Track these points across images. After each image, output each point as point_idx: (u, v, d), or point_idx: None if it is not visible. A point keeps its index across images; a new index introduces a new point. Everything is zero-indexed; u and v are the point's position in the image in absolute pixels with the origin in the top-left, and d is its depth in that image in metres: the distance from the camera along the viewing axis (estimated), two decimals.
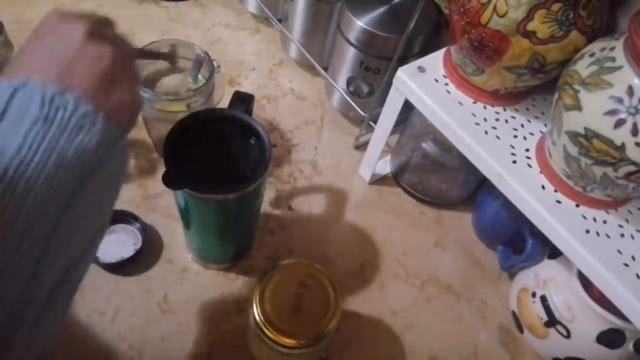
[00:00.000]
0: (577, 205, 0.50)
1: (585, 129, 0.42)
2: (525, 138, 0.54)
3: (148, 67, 0.60)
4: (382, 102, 0.62)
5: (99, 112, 0.30)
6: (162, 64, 0.61)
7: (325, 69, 0.76)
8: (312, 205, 0.68)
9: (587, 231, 0.48)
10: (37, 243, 0.28)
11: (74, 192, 0.29)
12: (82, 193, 0.30)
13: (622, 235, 0.49)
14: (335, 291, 0.48)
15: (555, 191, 0.50)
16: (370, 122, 0.70)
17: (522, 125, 0.55)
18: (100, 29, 0.35)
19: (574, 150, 0.45)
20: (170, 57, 0.57)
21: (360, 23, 0.63)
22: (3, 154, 0.27)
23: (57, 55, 0.31)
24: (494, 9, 0.46)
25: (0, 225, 0.26)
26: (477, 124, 0.54)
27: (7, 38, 0.68)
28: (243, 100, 0.52)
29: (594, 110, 0.42)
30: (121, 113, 0.33)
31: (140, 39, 0.80)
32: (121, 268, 0.58)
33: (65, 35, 0.33)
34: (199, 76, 0.62)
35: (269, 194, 0.68)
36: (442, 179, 0.67)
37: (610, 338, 0.52)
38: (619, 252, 0.47)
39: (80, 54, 0.32)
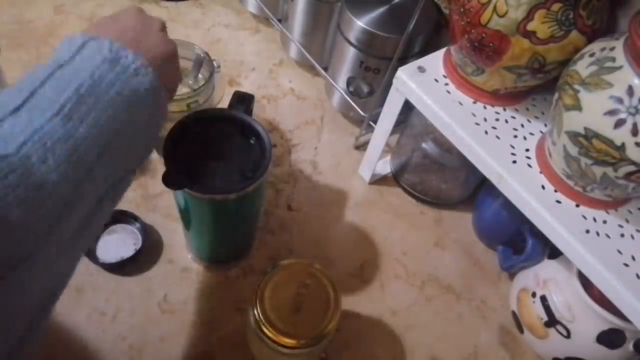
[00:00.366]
0: (577, 205, 0.50)
1: (585, 129, 0.42)
2: (525, 138, 0.54)
3: None
4: (382, 102, 0.62)
5: (152, 68, 0.37)
6: None
7: (325, 69, 0.76)
8: (312, 205, 0.68)
9: (587, 231, 0.48)
10: (83, 166, 0.33)
11: (119, 129, 0.35)
12: (125, 132, 0.36)
13: (622, 235, 0.49)
14: (335, 291, 0.48)
15: (555, 191, 0.50)
16: (370, 122, 0.70)
17: (522, 125, 0.55)
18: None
19: (574, 150, 0.45)
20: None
21: (360, 23, 0.63)
22: (78, 75, 0.33)
23: (133, 30, 0.39)
24: (494, 9, 0.46)
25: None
26: (477, 124, 0.54)
27: None
28: (243, 100, 0.52)
29: (594, 110, 0.42)
30: (169, 85, 0.40)
31: None
32: (121, 268, 0.58)
33: (144, 20, 0.41)
34: (199, 76, 0.62)
35: (269, 194, 0.68)
36: (442, 179, 0.67)
37: (610, 338, 0.52)
38: (619, 252, 0.47)
39: (152, 35, 0.40)
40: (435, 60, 0.59)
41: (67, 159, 0.31)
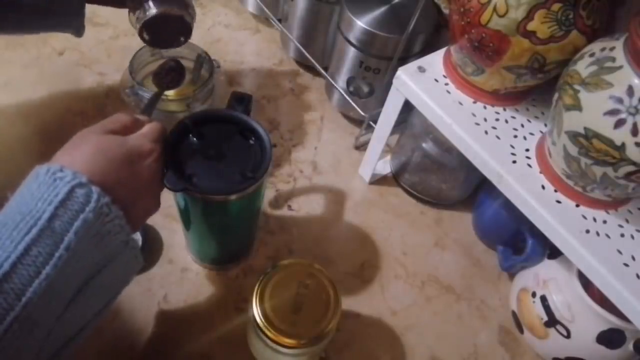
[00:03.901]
0: (577, 205, 0.50)
1: (585, 129, 0.42)
2: (525, 138, 0.54)
3: (149, 66, 0.60)
4: (382, 102, 0.62)
5: (128, 226, 0.37)
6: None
7: (325, 69, 0.76)
8: (312, 205, 0.68)
9: (587, 231, 0.48)
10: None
11: (94, 276, 0.36)
12: (101, 278, 0.37)
13: (622, 235, 0.49)
14: (335, 291, 0.48)
15: (555, 191, 0.50)
16: (370, 122, 0.70)
17: (522, 125, 0.55)
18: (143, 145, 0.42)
19: (574, 150, 0.45)
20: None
21: (360, 23, 0.63)
22: (58, 248, 0.33)
23: (121, 174, 0.38)
24: (494, 9, 0.46)
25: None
26: (477, 124, 0.54)
27: None
28: (241, 100, 0.52)
29: (594, 110, 0.42)
30: (140, 221, 0.41)
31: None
32: None
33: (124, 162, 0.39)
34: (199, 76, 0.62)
35: (269, 194, 0.68)
36: (442, 179, 0.67)
37: (610, 338, 0.52)
38: (619, 252, 0.47)
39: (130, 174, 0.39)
40: (435, 60, 0.59)
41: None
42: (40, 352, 0.34)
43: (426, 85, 0.56)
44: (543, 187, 0.51)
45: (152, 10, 0.51)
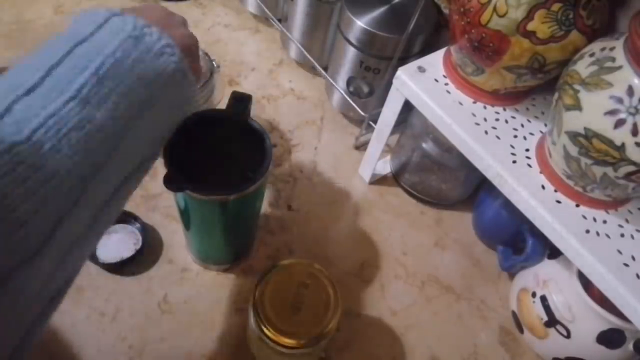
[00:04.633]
0: (577, 205, 0.50)
1: (585, 129, 0.42)
2: (525, 138, 0.54)
3: None
4: (382, 102, 0.62)
5: (178, 48, 0.35)
6: None
7: (325, 69, 0.76)
8: (312, 205, 0.68)
9: (587, 231, 0.48)
10: (113, 136, 0.31)
11: (144, 107, 0.33)
12: (150, 111, 0.34)
13: (622, 235, 0.49)
14: (335, 291, 0.48)
15: (555, 191, 0.50)
16: (370, 122, 0.70)
17: (522, 125, 0.55)
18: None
19: (574, 150, 0.45)
20: None
21: (360, 23, 0.63)
22: (100, 53, 0.31)
23: (158, 18, 0.37)
24: (494, 9, 0.46)
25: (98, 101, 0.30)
26: (477, 124, 0.54)
27: None
28: (241, 100, 0.52)
29: (594, 110, 0.42)
30: (194, 73, 0.38)
31: None
32: (121, 268, 0.58)
33: (168, 14, 0.40)
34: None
35: (269, 194, 0.68)
36: (442, 179, 0.67)
37: (610, 338, 0.52)
38: (619, 252, 0.47)
39: (175, 25, 0.39)
40: (435, 60, 0.59)
41: (82, 148, 0.29)
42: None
43: (426, 85, 0.56)
44: (543, 187, 0.51)
45: None
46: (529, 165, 0.52)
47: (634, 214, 0.51)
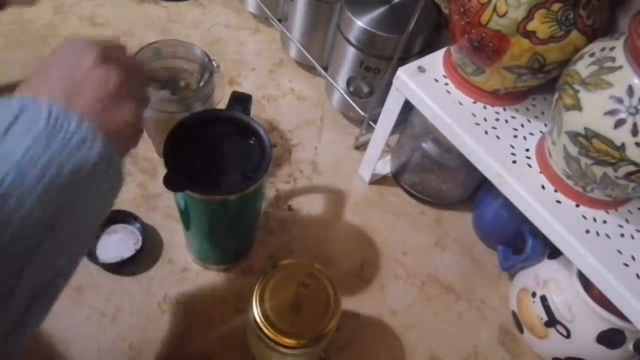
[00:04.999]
0: (577, 205, 0.50)
1: (585, 129, 0.42)
2: (525, 138, 0.54)
3: (148, 66, 0.60)
4: (382, 102, 0.62)
5: (99, 132, 0.32)
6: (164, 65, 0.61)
7: (325, 69, 0.76)
8: (312, 205, 0.68)
9: (587, 231, 0.48)
10: (18, 261, 0.28)
11: (63, 210, 0.30)
12: (70, 211, 0.31)
13: (622, 235, 0.49)
14: (335, 291, 0.48)
15: (555, 191, 0.50)
16: (370, 122, 0.70)
17: (522, 125, 0.55)
18: (110, 53, 0.37)
19: (574, 150, 0.45)
20: (172, 82, 0.58)
21: (360, 23, 0.63)
22: (4, 164, 0.28)
23: (66, 78, 0.33)
24: (494, 9, 0.46)
25: None
26: (477, 124, 0.54)
27: None
28: (241, 100, 0.52)
29: (594, 110, 0.42)
30: (122, 133, 0.35)
31: (140, 39, 0.80)
32: (121, 268, 0.58)
33: (76, 61, 0.35)
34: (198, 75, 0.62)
35: (269, 194, 0.68)
36: (442, 179, 0.67)
37: (610, 338, 0.52)
38: (619, 252, 0.47)
39: (88, 76, 0.34)
40: (435, 60, 0.59)
41: None
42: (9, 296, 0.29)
43: (426, 85, 0.56)
44: (543, 187, 0.51)
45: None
46: (529, 165, 0.52)
47: (634, 214, 0.51)
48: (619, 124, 0.40)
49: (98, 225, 0.36)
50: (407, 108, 0.60)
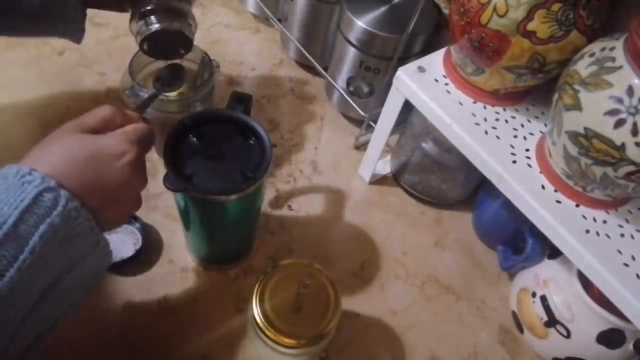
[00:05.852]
0: (577, 205, 0.50)
1: (585, 129, 0.42)
2: (525, 138, 0.54)
3: (149, 67, 0.60)
4: (382, 102, 0.62)
5: (98, 228, 0.38)
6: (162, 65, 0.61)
7: (325, 69, 0.76)
8: (312, 205, 0.68)
9: (587, 231, 0.48)
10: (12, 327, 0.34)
11: (57, 281, 0.36)
12: (61, 285, 0.36)
13: (622, 235, 0.49)
14: (335, 291, 0.48)
15: (555, 191, 0.50)
16: (370, 122, 0.70)
17: (522, 125, 0.55)
18: (138, 141, 0.41)
19: (574, 150, 0.45)
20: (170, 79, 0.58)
21: (360, 23, 0.63)
22: (22, 245, 0.33)
23: (92, 178, 0.37)
24: (494, 9, 0.46)
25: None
26: (477, 124, 0.54)
27: None
28: (241, 100, 0.52)
29: (594, 110, 0.42)
30: (114, 222, 0.41)
31: None
32: (121, 268, 0.58)
33: (108, 164, 0.38)
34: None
35: (269, 194, 0.68)
36: (442, 179, 0.67)
37: (610, 338, 0.52)
38: (619, 252, 0.47)
39: (110, 179, 0.38)
40: (435, 60, 0.59)
41: None
42: (6, 350, 0.34)
43: (426, 85, 0.56)
44: (543, 187, 0.51)
45: (154, 25, 0.50)
46: (529, 165, 0.52)
47: (634, 214, 0.51)
48: (619, 124, 0.40)
49: (84, 293, 0.41)
50: (407, 108, 0.60)
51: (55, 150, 0.37)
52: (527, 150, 0.53)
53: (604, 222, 0.49)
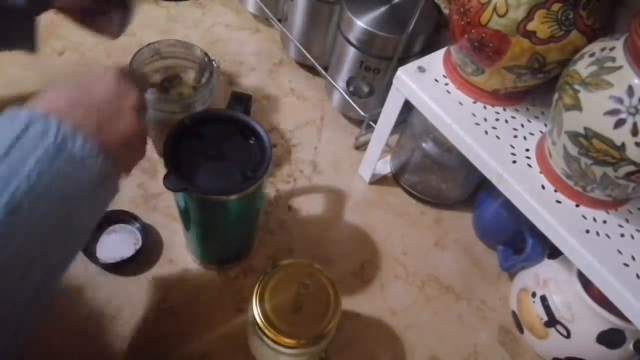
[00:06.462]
0: (577, 205, 0.50)
1: (585, 129, 0.42)
2: (525, 138, 0.54)
3: (148, 66, 0.60)
4: (382, 102, 0.62)
5: (102, 152, 0.35)
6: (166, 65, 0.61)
7: (325, 69, 0.76)
8: (312, 205, 0.68)
9: (587, 231, 0.48)
10: (22, 264, 0.32)
11: (63, 217, 0.34)
12: (69, 217, 0.34)
13: (622, 235, 0.49)
14: (335, 291, 0.48)
15: (555, 191, 0.50)
16: (370, 122, 0.70)
17: (522, 125, 0.55)
18: (122, 72, 0.41)
19: (574, 150, 0.45)
20: (166, 82, 0.59)
21: (360, 23, 0.63)
22: (14, 176, 0.31)
23: (98, 106, 0.37)
24: (494, 9, 0.46)
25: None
26: (477, 124, 0.54)
27: None
28: (241, 100, 0.52)
29: (594, 110, 0.42)
30: (125, 147, 0.39)
31: (140, 39, 0.80)
32: (121, 268, 0.58)
33: (117, 95, 0.39)
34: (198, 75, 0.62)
35: (269, 194, 0.68)
36: (442, 179, 0.67)
37: (610, 338, 0.52)
38: (619, 252, 0.47)
39: (120, 113, 0.38)
40: (435, 60, 0.59)
41: None
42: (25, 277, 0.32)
43: (426, 85, 0.56)
44: (543, 187, 0.51)
45: None
46: (529, 165, 0.52)
47: (634, 214, 0.51)
48: (619, 124, 0.40)
49: (90, 230, 0.38)
50: (407, 108, 0.60)
51: (48, 92, 0.37)
52: (527, 150, 0.53)
53: (604, 222, 0.49)
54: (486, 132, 0.54)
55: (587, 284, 0.51)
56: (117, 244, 0.59)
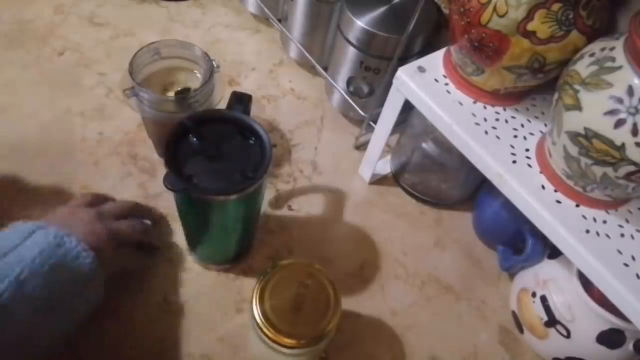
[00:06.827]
0: (577, 205, 0.50)
1: (585, 129, 0.42)
2: (525, 138, 0.54)
3: (148, 67, 0.60)
4: (382, 102, 0.62)
5: (90, 250, 0.46)
6: (165, 65, 0.61)
7: (325, 69, 0.76)
8: (312, 205, 0.68)
9: (587, 231, 0.48)
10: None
11: (55, 303, 0.43)
12: (60, 304, 0.44)
13: (622, 235, 0.49)
14: (335, 291, 0.48)
15: (555, 191, 0.50)
16: (370, 122, 0.70)
17: (522, 125, 0.55)
18: (95, 201, 0.56)
19: (574, 150, 0.45)
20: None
21: (360, 23, 0.63)
22: (21, 262, 0.41)
23: (68, 219, 0.49)
24: (494, 8, 0.46)
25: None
26: (477, 124, 0.54)
27: None
28: (241, 100, 0.52)
29: (594, 110, 0.42)
30: (104, 249, 0.49)
31: (140, 39, 0.80)
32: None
33: (74, 213, 0.51)
34: (198, 75, 0.62)
35: (269, 194, 0.68)
36: (442, 179, 0.67)
37: (610, 338, 0.52)
38: (619, 252, 0.47)
39: (98, 227, 0.50)
40: (435, 60, 0.59)
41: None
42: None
43: (426, 85, 0.56)
44: (543, 187, 0.51)
45: None
46: (529, 165, 0.52)
47: (634, 214, 0.51)
48: (619, 124, 0.40)
49: (74, 325, 0.47)
50: (407, 108, 0.60)
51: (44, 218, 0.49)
52: (527, 150, 0.53)
53: (604, 222, 0.49)
54: (486, 132, 0.54)
55: (587, 284, 0.51)
56: None
